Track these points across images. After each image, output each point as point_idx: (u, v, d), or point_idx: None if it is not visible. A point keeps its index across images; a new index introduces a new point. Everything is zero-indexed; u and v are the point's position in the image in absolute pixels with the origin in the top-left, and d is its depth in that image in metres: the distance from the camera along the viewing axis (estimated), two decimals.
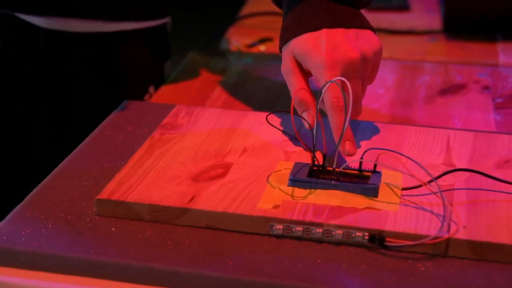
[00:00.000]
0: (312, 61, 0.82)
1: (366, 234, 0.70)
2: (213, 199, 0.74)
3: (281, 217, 0.72)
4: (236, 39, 1.38)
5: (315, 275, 0.66)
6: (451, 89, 1.12)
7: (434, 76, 1.18)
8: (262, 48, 1.33)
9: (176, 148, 0.85)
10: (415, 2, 1.61)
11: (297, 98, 0.83)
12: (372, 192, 0.75)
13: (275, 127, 0.78)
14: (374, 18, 1.47)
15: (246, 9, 1.56)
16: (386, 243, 0.70)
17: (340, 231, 0.70)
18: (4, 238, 0.71)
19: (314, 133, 0.77)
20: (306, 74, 0.85)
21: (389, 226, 0.70)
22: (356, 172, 0.77)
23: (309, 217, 0.72)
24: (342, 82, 0.76)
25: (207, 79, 1.18)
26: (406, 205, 0.74)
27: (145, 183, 0.77)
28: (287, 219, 0.71)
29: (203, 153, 0.84)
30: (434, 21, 1.47)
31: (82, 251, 0.69)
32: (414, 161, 0.73)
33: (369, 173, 0.77)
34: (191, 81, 1.18)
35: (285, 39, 0.86)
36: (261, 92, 1.13)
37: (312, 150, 0.78)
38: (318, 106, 0.76)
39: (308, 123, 0.81)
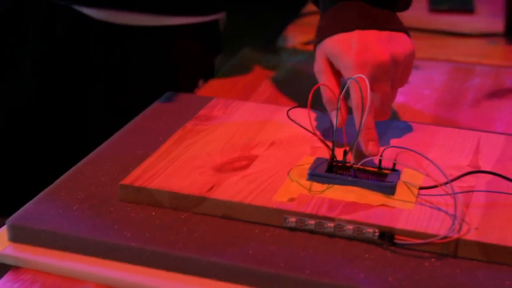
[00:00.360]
0: (342, 61, 0.83)
1: (377, 230, 0.70)
2: (232, 189, 0.76)
3: (294, 210, 0.73)
4: (293, 36, 1.40)
5: (323, 268, 0.67)
6: (498, 93, 1.11)
7: (485, 79, 1.17)
8: None
9: (206, 139, 0.87)
10: (481, 6, 1.59)
11: (326, 97, 0.84)
12: (389, 190, 0.75)
13: (295, 122, 0.79)
14: (436, 20, 1.48)
15: (308, 7, 1.57)
16: (396, 241, 0.70)
17: (351, 227, 0.71)
18: (29, 217, 0.74)
19: (335, 128, 0.78)
20: (337, 74, 0.86)
21: (400, 224, 0.71)
22: (375, 169, 0.77)
23: (322, 212, 0.72)
24: (364, 81, 0.76)
25: (257, 75, 1.20)
26: (421, 204, 0.74)
27: (169, 171, 0.79)
28: (300, 212, 0.72)
29: (231, 145, 0.86)
30: (497, 24, 1.44)
31: (101, 234, 0.72)
32: (430, 161, 0.73)
33: (388, 171, 0.77)
34: (241, 76, 1.20)
35: (319, 39, 0.87)
36: (307, 89, 1.13)
37: (332, 145, 0.78)
38: (338, 104, 0.77)
39: (336, 122, 0.82)
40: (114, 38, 1.11)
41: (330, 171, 0.78)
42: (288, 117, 0.79)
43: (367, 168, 0.78)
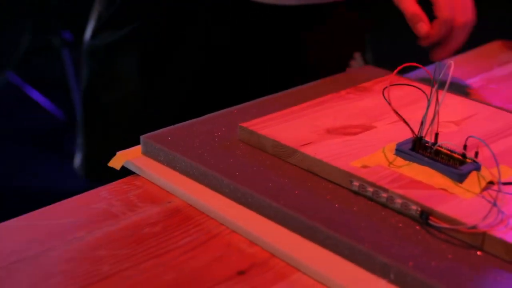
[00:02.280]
0: None
1: (419, 209, 0.74)
2: (324, 148, 0.84)
3: (359, 175, 0.79)
4: None
5: (352, 231, 0.73)
6: None
7: None
8: None
9: (345, 106, 0.95)
10: None
11: (409, 12, 0.90)
12: (457, 177, 0.78)
13: (386, 100, 0.81)
14: None
15: None
16: (430, 221, 0.73)
17: (399, 200, 0.76)
18: (159, 138, 0.89)
19: (428, 104, 0.80)
20: None
21: (441, 207, 0.73)
22: (457, 155, 0.79)
23: (382, 182, 0.78)
24: None
25: None
26: (482, 197, 0.75)
27: (285, 124, 0.89)
28: (362, 178, 0.78)
29: (360, 115, 0.92)
30: None
31: (205, 164, 0.84)
32: (494, 158, 0.74)
33: (465, 159, 0.79)
34: None
35: None
36: None
37: (421, 123, 0.81)
38: (436, 86, 0.80)
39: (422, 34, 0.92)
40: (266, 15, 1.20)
41: (413, 149, 0.82)
42: (384, 98, 0.82)
43: (448, 152, 0.80)
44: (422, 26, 0.96)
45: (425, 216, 0.73)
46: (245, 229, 0.77)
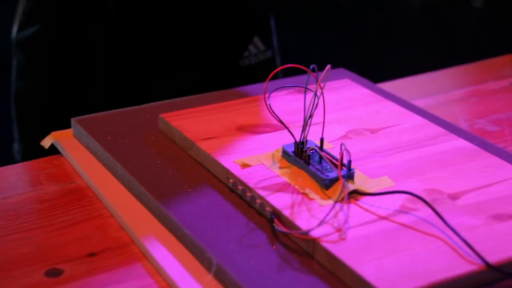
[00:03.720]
0: None
1: (271, 210, 0.74)
2: (223, 145, 0.85)
3: (233, 173, 0.80)
4: None
5: (201, 225, 0.75)
6: None
7: None
8: None
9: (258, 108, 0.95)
10: None
11: None
12: (322, 183, 0.77)
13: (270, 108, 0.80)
14: None
15: None
16: (274, 224, 0.73)
17: (259, 201, 0.76)
18: (95, 123, 0.94)
19: (306, 109, 0.80)
20: None
21: (290, 211, 0.73)
22: (334, 161, 0.79)
23: (251, 181, 0.78)
24: None
25: None
26: (340, 205, 0.74)
27: (200, 118, 0.91)
28: (235, 176, 0.79)
29: (285, 114, 0.92)
30: None
31: (109, 149, 0.88)
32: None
33: (344, 167, 0.77)
34: None
35: None
36: None
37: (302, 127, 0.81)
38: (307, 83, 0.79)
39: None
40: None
41: (295, 152, 0.81)
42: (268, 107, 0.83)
43: (324, 156, 0.79)
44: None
45: (272, 218, 0.74)
46: (117, 213, 0.80)
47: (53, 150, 0.94)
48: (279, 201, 0.75)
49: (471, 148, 0.85)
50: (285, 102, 0.96)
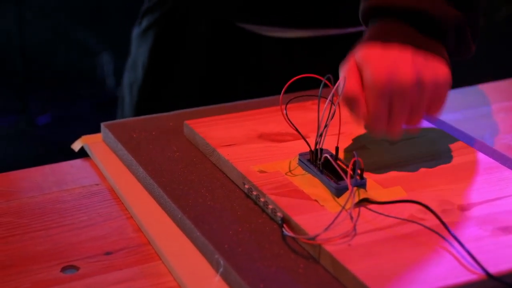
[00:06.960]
0: (365, 69, 0.81)
1: (281, 216, 0.76)
2: (243, 151, 0.87)
3: (249, 178, 0.82)
4: None
5: (214, 229, 0.77)
6: None
7: None
8: None
9: (292, 116, 0.97)
10: None
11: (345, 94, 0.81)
12: (334, 191, 0.78)
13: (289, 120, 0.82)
14: None
15: None
16: (283, 229, 0.75)
17: (271, 206, 0.78)
18: (124, 127, 0.97)
19: (320, 119, 0.81)
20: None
21: (300, 217, 0.75)
22: (340, 168, 0.80)
23: (265, 187, 0.80)
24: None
25: None
26: (349, 213, 0.75)
27: (223, 126, 0.93)
28: (251, 181, 0.81)
29: (304, 124, 0.93)
30: None
31: (134, 153, 0.91)
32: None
33: (349, 174, 0.78)
34: None
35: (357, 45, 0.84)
36: None
37: (317, 136, 0.82)
38: (329, 97, 0.81)
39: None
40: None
41: (310, 161, 0.83)
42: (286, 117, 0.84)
43: (337, 165, 0.80)
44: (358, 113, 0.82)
45: (282, 223, 0.75)
46: (135, 214, 0.83)
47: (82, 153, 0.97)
48: (290, 207, 0.76)
49: (488, 161, 0.86)
50: (311, 111, 0.98)
